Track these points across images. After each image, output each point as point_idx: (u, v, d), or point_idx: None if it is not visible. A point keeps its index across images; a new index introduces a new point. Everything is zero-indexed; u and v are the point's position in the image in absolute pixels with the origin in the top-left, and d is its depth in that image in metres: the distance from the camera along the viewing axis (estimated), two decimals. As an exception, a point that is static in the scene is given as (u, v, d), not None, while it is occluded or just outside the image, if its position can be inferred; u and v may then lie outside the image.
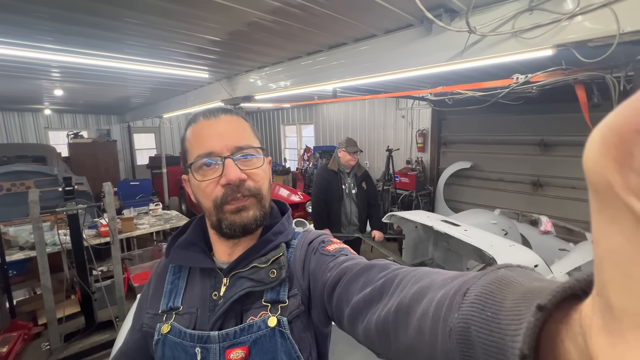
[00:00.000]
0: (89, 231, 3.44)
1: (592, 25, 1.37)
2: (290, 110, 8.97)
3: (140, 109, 7.51)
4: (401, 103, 6.09)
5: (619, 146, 0.13)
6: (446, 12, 1.72)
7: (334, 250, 0.60)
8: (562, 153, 4.40)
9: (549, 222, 3.08)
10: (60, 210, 2.65)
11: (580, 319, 0.18)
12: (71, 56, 2.80)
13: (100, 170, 7.49)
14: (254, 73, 3.55)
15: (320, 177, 2.93)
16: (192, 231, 0.68)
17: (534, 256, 2.26)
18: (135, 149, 9.47)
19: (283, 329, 0.56)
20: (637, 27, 1.27)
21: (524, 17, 1.54)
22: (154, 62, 3.13)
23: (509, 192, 5.02)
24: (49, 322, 2.70)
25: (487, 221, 3.44)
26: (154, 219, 4.22)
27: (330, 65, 2.66)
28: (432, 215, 3.04)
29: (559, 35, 1.46)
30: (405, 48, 2.07)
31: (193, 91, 4.97)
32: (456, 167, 5.26)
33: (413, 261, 3.53)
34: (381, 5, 1.73)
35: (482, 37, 1.63)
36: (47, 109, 7.46)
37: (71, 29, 2.19)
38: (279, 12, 1.86)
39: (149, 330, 0.64)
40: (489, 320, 0.25)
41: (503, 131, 4.93)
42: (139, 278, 3.61)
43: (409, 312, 0.35)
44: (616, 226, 0.14)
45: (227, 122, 0.61)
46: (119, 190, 5.77)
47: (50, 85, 4.42)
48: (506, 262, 0.31)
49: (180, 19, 2.03)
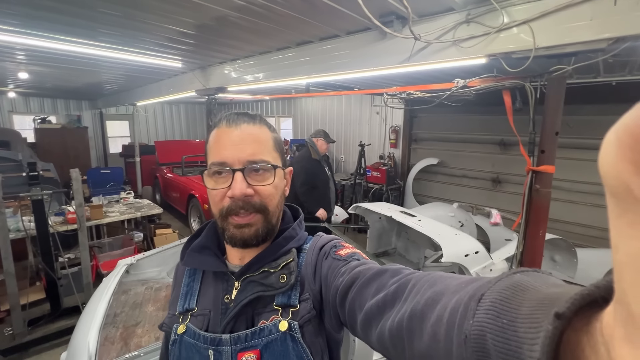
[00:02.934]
0: (56, 218, 3.41)
1: (514, 39, 1.57)
2: (269, 103, 8.98)
3: (114, 95, 7.30)
4: (376, 100, 6.28)
5: (635, 148, 0.13)
6: (397, 19, 1.87)
7: (346, 254, 0.60)
8: (518, 152, 4.72)
9: (498, 215, 3.37)
10: (24, 195, 2.64)
11: (602, 328, 0.17)
12: (38, 40, 2.72)
13: (70, 157, 7.24)
14: (228, 65, 3.60)
15: (308, 168, 3.23)
16: (206, 235, 0.69)
17: (476, 243, 2.51)
18: (107, 136, 9.19)
19: (294, 333, 0.56)
20: (549, 43, 1.47)
21: (462, 28, 1.72)
22: (127, 50, 3.12)
23: (471, 188, 5.34)
24: (12, 308, 2.70)
25: (446, 213, 3.70)
26: (125, 207, 4.21)
27: (298, 62, 2.77)
28: (392, 207, 3.26)
29: (490, 46, 1.65)
30: (363, 49, 2.22)
31: (167, 80, 4.93)
32: (424, 163, 5.54)
33: (377, 250, 3.75)
34: (338, 9, 1.86)
35: (427, 44, 1.80)
36: (11, 92, 7.09)
37: (39, 14, 2.16)
38: (243, 10, 1.95)
39: (167, 330, 0.66)
40: (505, 328, 0.24)
41: (468, 130, 5.23)
42: (108, 265, 3.63)
43: (423, 318, 0.35)
44: (637, 231, 0.13)
45: (247, 132, 0.60)
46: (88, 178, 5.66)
47: (15, 67, 4.26)
48: (522, 268, 0.30)
49: (150, 10, 2.07)
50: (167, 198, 6.53)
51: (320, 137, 3.25)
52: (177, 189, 5.97)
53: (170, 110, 10.29)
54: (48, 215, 2.88)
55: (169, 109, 10.24)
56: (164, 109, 10.11)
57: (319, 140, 3.26)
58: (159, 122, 10.12)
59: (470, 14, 1.68)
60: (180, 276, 0.71)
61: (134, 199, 4.66)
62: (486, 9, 1.64)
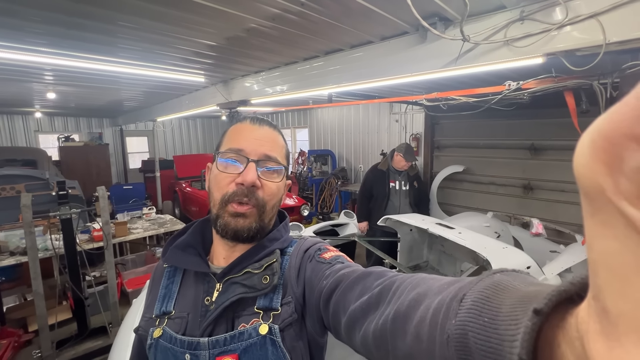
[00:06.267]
0: (82, 236, 3.39)
1: (580, 35, 1.43)
2: (284, 114, 8.99)
3: (134, 112, 7.45)
4: (395, 107, 6.17)
5: (608, 150, 0.13)
6: (440, 21, 1.77)
7: (330, 257, 0.60)
8: (552, 157, 4.50)
9: (540, 225, 3.15)
10: (54, 214, 2.62)
11: (577, 323, 0.17)
12: (65, 59, 2.77)
13: (92, 174, 7.38)
14: (251, 77, 3.57)
15: (368, 176, 3.37)
16: (192, 234, 0.68)
17: (527, 258, 2.31)
18: (127, 152, 9.37)
19: (274, 337, 0.55)
20: (622, 37, 1.33)
21: (515, 26, 1.60)
22: (148, 65, 3.12)
23: (500, 195, 5.10)
24: (40, 329, 2.65)
25: (480, 224, 3.50)
26: (148, 224, 4.18)
27: (326, 71, 2.70)
28: (426, 219, 3.08)
29: (549, 45, 1.52)
30: (400, 55, 2.11)
31: (188, 95, 4.96)
32: (449, 170, 5.34)
33: (408, 264, 3.56)
34: (377, 13, 1.77)
35: (475, 45, 1.68)
36: (37, 112, 7.34)
37: (65, 33, 2.17)
38: (277, 19, 1.89)
39: (143, 333, 0.64)
40: (486, 326, 0.24)
41: (494, 135, 5.03)
42: (133, 283, 3.57)
43: (406, 320, 0.35)
44: (609, 230, 0.14)
45: (268, 133, 0.64)
46: (111, 194, 5.70)
47: (43, 88, 4.36)
48: (501, 267, 0.30)
49: (176, 23, 2.03)
50: (187, 212, 6.53)
51: (401, 153, 3.21)
52: (197, 203, 5.95)
53: (188, 124, 10.44)
54: (76, 233, 2.85)
55: (186, 123, 10.39)
56: (181, 123, 10.26)
57: (397, 155, 3.23)
58: (177, 137, 10.26)
59: (525, 11, 1.55)
60: (159, 278, 0.69)
61: (156, 214, 4.64)
62: (542, 5, 1.51)
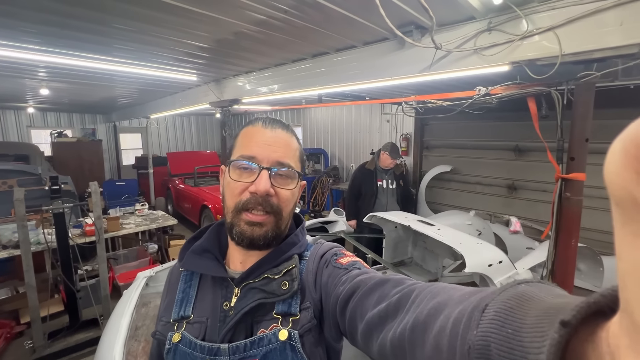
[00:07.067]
0: (74, 230, 3.45)
1: (539, 46, 1.55)
2: (278, 113, 9.05)
3: (127, 109, 7.47)
4: (386, 108, 6.28)
5: None
6: (417, 29, 1.88)
7: (347, 263, 0.59)
8: (535, 158, 4.66)
9: (517, 223, 3.30)
10: (47, 208, 2.69)
11: (608, 337, 0.16)
12: (58, 57, 2.82)
13: (85, 170, 7.39)
14: (242, 77, 3.65)
15: (356, 175, 3.48)
16: (207, 238, 0.67)
17: (499, 253, 2.44)
18: (121, 148, 9.37)
19: (294, 342, 0.55)
20: (576, 49, 1.45)
21: (483, 36, 1.72)
22: (142, 64, 3.19)
23: (486, 195, 5.26)
24: (33, 320, 2.72)
25: (463, 222, 3.63)
26: (140, 219, 4.25)
27: (314, 73, 2.80)
28: (409, 216, 3.20)
29: (514, 54, 1.64)
30: (382, 59, 2.23)
31: (181, 92, 5.03)
32: (437, 170, 5.48)
33: (393, 260, 3.69)
34: (357, 21, 1.87)
35: (447, 53, 1.80)
36: (30, 108, 7.33)
37: (59, 32, 2.23)
38: (263, 24, 1.99)
39: (161, 338, 0.64)
40: (510, 338, 0.23)
41: (481, 137, 5.17)
42: (124, 277, 3.65)
43: (425, 329, 0.34)
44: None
45: (281, 137, 0.62)
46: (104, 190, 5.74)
47: (36, 84, 4.40)
48: (525, 278, 0.30)
49: (168, 26, 2.12)
50: (180, 209, 6.58)
51: (386, 151, 3.27)
52: (190, 200, 6.01)
53: (182, 121, 10.46)
54: (68, 227, 2.92)
55: (180, 120, 10.41)
56: (175, 120, 10.28)
57: (384, 154, 3.30)
58: (171, 134, 10.28)
59: (492, 22, 1.67)
60: (175, 281, 0.68)
61: (148, 210, 4.71)
62: (508, 17, 1.63)
